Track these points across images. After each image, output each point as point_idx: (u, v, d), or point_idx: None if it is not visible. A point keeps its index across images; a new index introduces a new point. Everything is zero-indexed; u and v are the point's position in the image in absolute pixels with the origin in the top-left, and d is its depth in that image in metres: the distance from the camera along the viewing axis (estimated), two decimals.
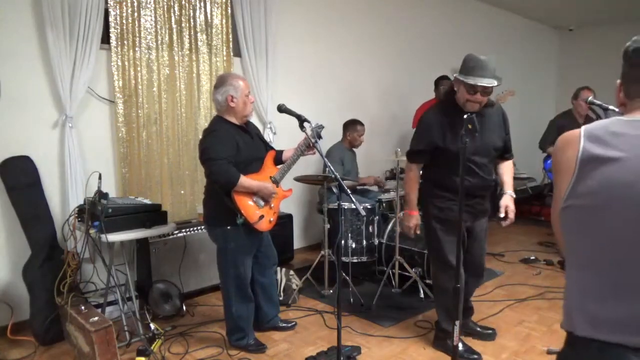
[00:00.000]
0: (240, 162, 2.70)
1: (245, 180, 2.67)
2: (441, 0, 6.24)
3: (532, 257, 4.69)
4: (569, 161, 1.09)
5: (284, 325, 3.21)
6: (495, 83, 2.47)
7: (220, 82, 2.77)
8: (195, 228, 3.69)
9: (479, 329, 3.05)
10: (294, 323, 3.26)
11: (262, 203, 2.80)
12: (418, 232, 2.84)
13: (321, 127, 2.92)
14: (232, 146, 2.69)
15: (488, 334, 3.01)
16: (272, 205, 2.86)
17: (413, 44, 5.92)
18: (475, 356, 2.77)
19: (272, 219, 2.86)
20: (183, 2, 3.82)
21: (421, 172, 2.83)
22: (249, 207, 2.73)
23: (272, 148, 3.08)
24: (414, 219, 2.80)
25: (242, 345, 2.93)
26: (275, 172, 2.91)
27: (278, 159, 3.01)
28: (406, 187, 2.83)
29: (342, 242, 3.95)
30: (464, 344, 2.82)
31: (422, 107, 5.10)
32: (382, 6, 5.50)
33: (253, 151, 2.84)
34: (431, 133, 2.66)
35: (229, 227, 2.75)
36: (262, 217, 2.77)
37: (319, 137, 2.90)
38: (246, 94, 2.77)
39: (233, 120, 2.79)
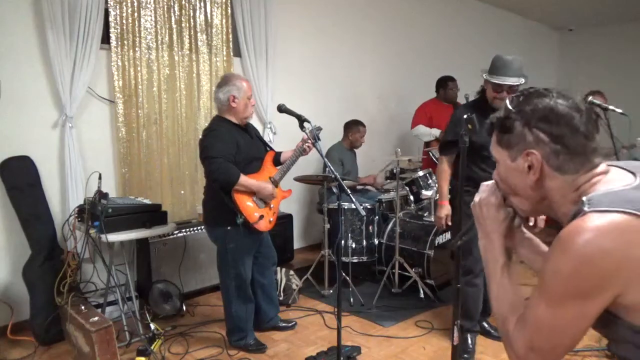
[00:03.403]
0: (240, 161, 2.71)
1: (245, 180, 2.67)
2: (441, 0, 6.24)
3: None
4: None
5: (284, 325, 3.21)
6: (520, 81, 2.66)
7: (224, 82, 2.78)
8: (195, 228, 3.69)
9: (493, 332, 3.05)
10: (294, 322, 3.26)
11: (261, 203, 2.80)
12: (449, 222, 2.91)
13: (319, 129, 2.92)
14: (232, 145, 2.69)
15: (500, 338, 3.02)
16: (272, 205, 2.86)
17: (413, 44, 5.92)
18: (466, 355, 2.80)
19: (271, 219, 2.86)
20: (183, 2, 3.82)
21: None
22: (248, 207, 2.73)
23: (271, 149, 3.09)
24: (444, 209, 2.89)
25: (242, 345, 2.93)
26: (275, 173, 2.92)
27: (277, 160, 3.01)
28: (437, 179, 2.98)
29: (342, 242, 3.95)
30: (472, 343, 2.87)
31: (421, 106, 5.09)
32: (383, 6, 5.50)
33: (253, 151, 2.84)
34: (460, 124, 2.69)
35: (229, 228, 2.75)
36: (261, 217, 2.77)
37: (317, 139, 2.90)
38: (248, 96, 2.78)
39: (233, 119, 2.79)
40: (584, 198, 0.91)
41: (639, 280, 0.84)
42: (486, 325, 3.08)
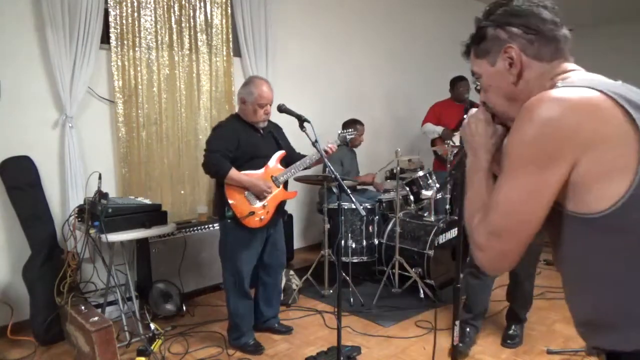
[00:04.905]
0: (238, 157, 2.77)
1: (235, 174, 2.72)
2: (444, 1, 6.24)
3: None
4: (617, 131, 0.86)
5: (280, 329, 3.17)
6: None
7: (245, 82, 2.89)
8: (195, 228, 3.69)
9: (509, 331, 3.02)
10: (291, 328, 3.19)
11: (254, 200, 2.81)
12: None
13: (352, 133, 3.13)
14: (231, 142, 2.76)
15: (507, 344, 2.98)
16: (266, 204, 2.86)
17: (414, 44, 5.91)
18: (461, 344, 2.83)
19: (262, 217, 2.85)
20: (183, 2, 3.82)
21: None
22: (239, 203, 2.77)
23: (283, 150, 3.02)
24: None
25: (240, 344, 2.93)
26: (278, 173, 2.92)
27: (293, 161, 2.99)
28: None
29: (342, 242, 3.95)
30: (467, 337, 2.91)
31: (433, 105, 5.05)
32: (384, 6, 5.50)
33: (259, 149, 2.87)
34: None
35: (228, 220, 2.79)
36: (251, 213, 2.79)
37: (346, 144, 3.18)
38: (259, 104, 2.79)
39: (245, 118, 2.86)
40: (558, 82, 0.97)
41: (592, 151, 0.86)
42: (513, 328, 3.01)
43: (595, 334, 0.98)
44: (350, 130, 3.17)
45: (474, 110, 1.15)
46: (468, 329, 2.94)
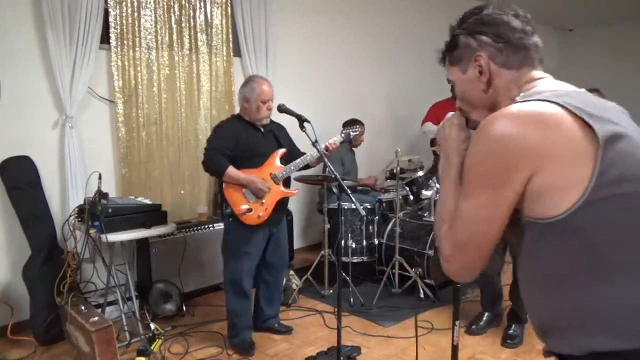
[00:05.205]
0: (237, 155, 2.81)
1: (233, 172, 2.75)
2: (444, 2, 6.23)
3: None
4: (573, 144, 0.86)
5: (280, 329, 3.17)
6: None
7: (245, 82, 2.93)
8: (195, 228, 3.69)
9: (509, 330, 3.05)
10: (290, 328, 3.19)
11: (252, 197, 2.83)
12: None
13: (356, 129, 3.18)
14: (230, 140, 2.80)
15: (507, 344, 3.00)
16: (265, 201, 2.86)
17: (415, 44, 5.89)
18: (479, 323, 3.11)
19: (261, 214, 2.85)
20: (183, 2, 3.82)
21: None
22: (237, 199, 2.80)
23: (284, 148, 3.00)
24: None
25: (235, 343, 2.93)
26: (278, 171, 2.93)
27: (293, 158, 2.98)
28: None
29: (342, 242, 3.95)
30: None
31: (433, 105, 5.05)
32: (384, 6, 5.49)
33: (259, 148, 2.88)
34: None
35: (230, 219, 2.83)
36: (249, 210, 2.80)
37: (349, 140, 3.23)
38: (262, 100, 2.83)
39: (246, 118, 2.89)
40: (521, 94, 0.99)
41: (548, 166, 0.87)
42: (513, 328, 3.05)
43: (547, 337, 0.99)
44: (355, 127, 3.20)
45: (450, 114, 1.17)
46: (485, 315, 3.18)
